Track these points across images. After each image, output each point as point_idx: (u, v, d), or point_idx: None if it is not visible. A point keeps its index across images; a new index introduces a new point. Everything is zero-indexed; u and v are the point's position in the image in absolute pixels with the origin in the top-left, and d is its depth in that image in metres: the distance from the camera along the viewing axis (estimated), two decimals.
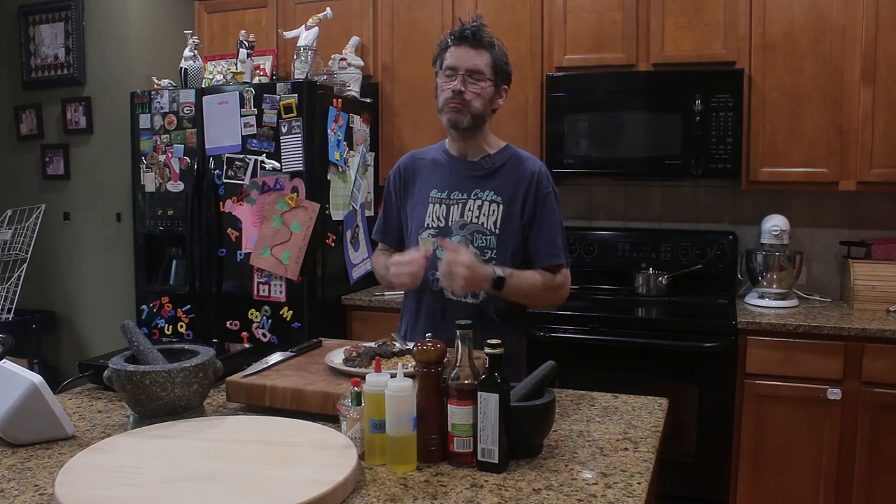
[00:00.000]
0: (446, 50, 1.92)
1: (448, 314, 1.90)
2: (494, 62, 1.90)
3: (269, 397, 1.57)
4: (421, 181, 2.01)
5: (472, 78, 1.88)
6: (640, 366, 2.85)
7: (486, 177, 1.95)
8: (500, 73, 1.92)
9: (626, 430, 1.53)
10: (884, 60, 2.84)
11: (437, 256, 1.88)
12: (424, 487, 1.24)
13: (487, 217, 1.92)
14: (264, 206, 3.13)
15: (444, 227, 1.94)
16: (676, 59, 3.07)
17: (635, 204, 3.52)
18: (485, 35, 1.90)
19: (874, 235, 3.15)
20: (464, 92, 1.87)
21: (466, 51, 1.88)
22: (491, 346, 1.31)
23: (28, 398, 1.42)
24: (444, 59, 1.92)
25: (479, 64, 1.88)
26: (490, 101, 1.92)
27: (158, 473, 1.20)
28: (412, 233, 1.99)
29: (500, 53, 1.93)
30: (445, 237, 1.91)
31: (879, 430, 2.65)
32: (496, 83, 1.92)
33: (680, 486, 2.79)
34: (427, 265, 1.85)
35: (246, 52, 3.36)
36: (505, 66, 1.94)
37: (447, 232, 1.93)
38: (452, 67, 1.89)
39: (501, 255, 1.91)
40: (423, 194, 2.00)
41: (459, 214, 1.94)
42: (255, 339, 3.19)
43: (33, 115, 3.99)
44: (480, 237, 1.91)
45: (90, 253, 3.94)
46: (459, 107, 1.88)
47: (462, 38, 1.89)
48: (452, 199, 1.95)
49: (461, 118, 1.89)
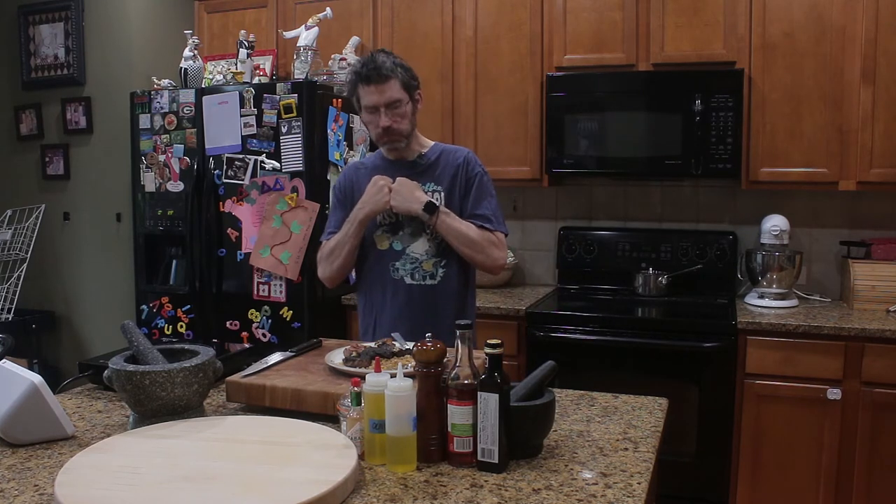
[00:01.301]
0: (357, 87, 2.06)
1: (412, 301, 2.10)
2: (403, 84, 2.06)
3: (269, 397, 1.57)
4: (364, 186, 2.15)
5: (393, 110, 2.04)
6: (640, 366, 2.85)
7: (424, 171, 2.14)
8: (411, 88, 2.08)
9: (626, 430, 1.53)
10: (884, 60, 2.84)
11: (393, 249, 2.11)
12: (424, 487, 1.24)
13: None
14: (264, 206, 3.13)
15: (396, 221, 2.13)
16: (676, 59, 3.07)
17: (635, 204, 3.52)
18: (385, 66, 2.02)
19: (874, 235, 3.15)
20: (391, 125, 2.05)
21: (377, 88, 2.02)
22: (491, 346, 1.31)
23: (28, 398, 1.42)
24: (360, 97, 2.07)
25: (393, 95, 2.03)
26: (413, 115, 2.10)
27: (158, 473, 1.20)
28: (366, 233, 2.14)
29: (403, 71, 2.06)
30: (397, 231, 2.11)
31: (879, 430, 2.65)
32: (412, 98, 2.10)
33: (680, 486, 2.79)
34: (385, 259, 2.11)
35: (246, 52, 3.36)
36: (412, 79, 2.09)
37: (399, 226, 2.12)
38: (372, 106, 2.05)
39: None
40: None
41: None
42: (255, 339, 3.19)
43: (33, 115, 3.99)
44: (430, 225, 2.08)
45: (90, 253, 3.94)
46: (395, 139, 2.09)
47: (369, 78, 2.02)
48: None
49: (398, 146, 2.12)
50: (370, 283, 2.18)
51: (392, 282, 2.12)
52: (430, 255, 2.11)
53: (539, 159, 3.27)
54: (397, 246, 2.13)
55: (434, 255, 2.11)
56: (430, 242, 2.11)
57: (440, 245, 2.10)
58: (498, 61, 3.33)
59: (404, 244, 2.12)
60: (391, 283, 2.13)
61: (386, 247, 2.14)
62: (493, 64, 3.33)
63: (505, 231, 2.15)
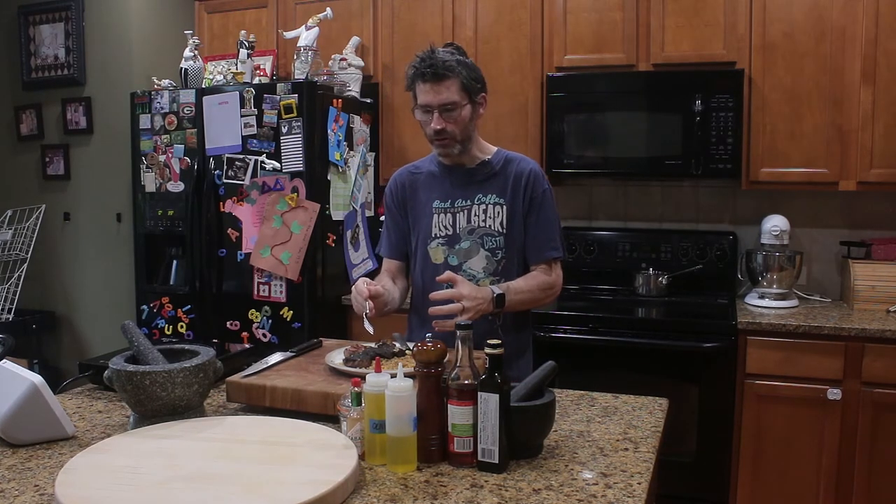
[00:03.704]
0: (415, 84, 1.92)
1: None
2: (463, 85, 1.89)
3: (270, 397, 1.57)
4: (421, 193, 2.04)
5: (448, 112, 1.89)
6: (641, 366, 2.85)
7: (485, 181, 1.99)
8: (472, 89, 1.92)
9: (627, 431, 1.53)
10: (884, 60, 2.84)
11: (448, 264, 1.97)
12: (424, 488, 1.24)
13: (493, 219, 1.97)
14: (264, 206, 3.13)
15: (453, 234, 1.98)
16: (676, 60, 3.07)
17: (635, 204, 3.52)
18: (444, 63, 1.86)
19: (874, 235, 3.15)
20: (444, 128, 1.89)
21: (433, 87, 1.87)
22: (491, 346, 1.31)
23: (28, 398, 1.42)
24: (417, 93, 1.92)
25: (449, 97, 1.87)
26: (471, 120, 1.95)
27: (158, 473, 1.20)
28: (419, 244, 2.03)
29: (466, 70, 1.90)
30: (454, 245, 1.97)
31: (879, 430, 2.65)
32: (472, 101, 1.93)
33: (680, 486, 2.79)
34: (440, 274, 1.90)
35: (246, 52, 3.36)
36: (474, 80, 1.92)
37: (456, 239, 1.98)
38: (426, 105, 1.90)
39: (509, 253, 1.98)
40: (425, 206, 2.03)
41: (466, 220, 1.98)
42: (256, 339, 3.19)
43: (33, 115, 3.99)
44: (489, 239, 1.97)
45: (90, 253, 3.94)
46: (446, 142, 1.92)
47: (425, 75, 1.87)
48: (457, 207, 1.99)
49: (451, 151, 1.95)
50: (424, 300, 1.97)
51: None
52: (489, 273, 1.95)
53: (539, 159, 3.27)
54: (453, 260, 1.97)
55: (492, 274, 1.95)
56: (490, 259, 1.96)
57: (500, 262, 1.96)
58: (498, 61, 3.33)
59: (461, 259, 1.97)
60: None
61: (441, 260, 1.99)
62: (493, 64, 3.33)
63: (565, 257, 2.02)
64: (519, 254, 1.99)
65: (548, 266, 1.99)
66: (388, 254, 2.13)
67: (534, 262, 1.99)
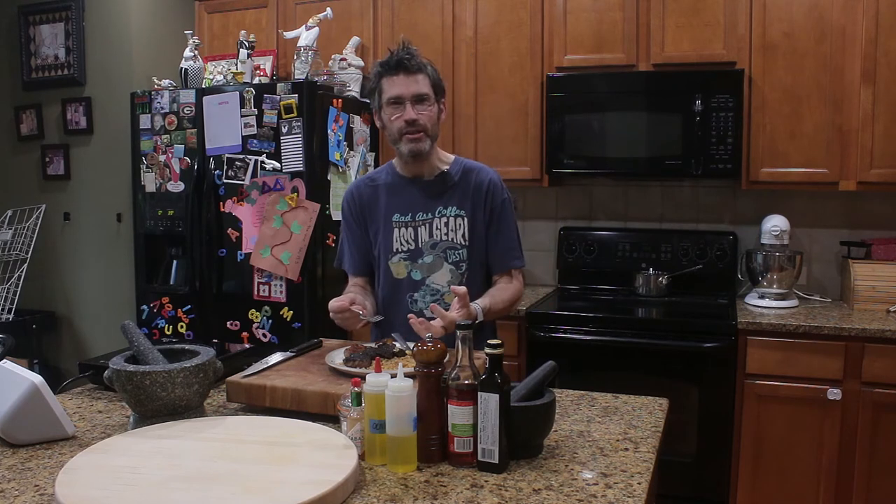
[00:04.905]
0: (381, 80, 1.91)
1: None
2: (432, 82, 1.91)
3: (270, 397, 1.57)
4: (380, 206, 2.01)
5: (420, 102, 1.88)
6: (641, 366, 2.85)
7: (445, 192, 1.98)
8: (438, 90, 1.94)
9: (627, 431, 1.54)
10: (884, 60, 2.84)
11: (412, 279, 1.97)
12: (425, 488, 1.24)
13: (455, 232, 1.96)
14: (264, 206, 3.13)
15: (415, 248, 1.97)
16: (676, 60, 3.07)
17: (635, 204, 3.52)
18: (417, 58, 1.89)
19: (874, 235, 3.15)
20: (417, 119, 1.88)
21: (406, 78, 1.87)
22: (491, 346, 1.31)
23: (28, 398, 1.42)
24: (383, 90, 1.91)
25: (422, 88, 1.88)
26: (438, 120, 1.95)
27: (158, 474, 1.20)
28: (381, 258, 2.01)
29: (433, 70, 1.94)
30: (416, 259, 1.97)
31: (879, 430, 2.65)
32: (437, 101, 1.94)
33: (680, 486, 2.79)
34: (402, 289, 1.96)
35: (246, 52, 3.36)
36: (440, 81, 1.95)
37: (418, 253, 1.97)
38: (397, 97, 1.88)
39: (472, 265, 1.98)
40: (385, 219, 2.01)
41: (428, 234, 1.97)
42: (256, 339, 3.19)
43: (33, 115, 3.99)
44: (452, 252, 1.96)
45: (90, 253, 3.94)
46: (418, 136, 1.90)
47: (399, 66, 1.87)
48: (418, 220, 1.98)
49: (422, 146, 1.91)
50: (384, 313, 1.99)
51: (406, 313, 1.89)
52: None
53: (539, 159, 3.27)
54: (416, 275, 1.96)
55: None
56: (454, 273, 1.95)
57: (463, 275, 1.95)
58: (498, 61, 3.33)
59: (424, 273, 1.96)
60: (404, 314, 1.88)
61: (403, 275, 1.97)
62: (493, 64, 3.33)
63: (523, 261, 2.04)
64: (482, 265, 1.99)
65: (509, 276, 2.01)
66: (352, 271, 2.09)
67: (497, 272, 2.01)
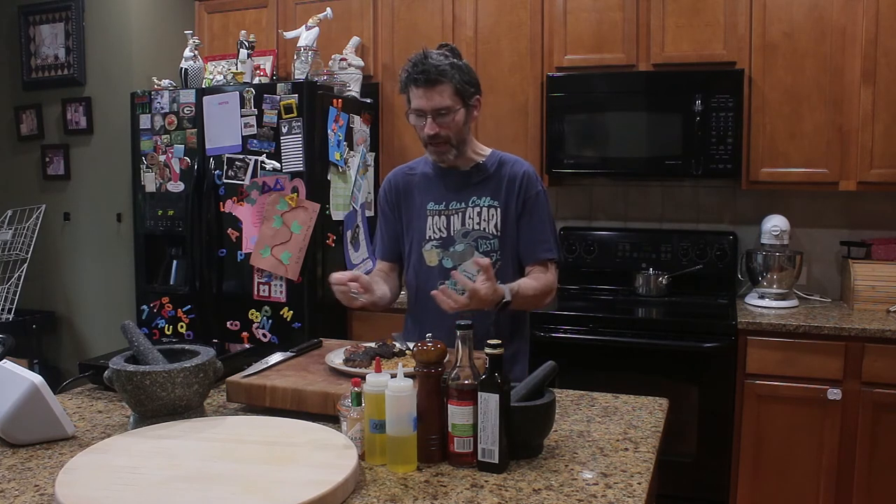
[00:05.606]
0: (409, 87, 1.90)
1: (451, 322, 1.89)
2: (456, 89, 1.87)
3: (270, 397, 1.57)
4: (416, 195, 2.03)
5: (441, 116, 1.87)
6: (641, 366, 2.85)
7: (480, 183, 1.98)
8: (466, 93, 1.90)
9: (627, 431, 1.54)
10: (884, 60, 2.84)
11: (443, 266, 1.96)
12: (425, 488, 1.24)
13: (488, 222, 1.96)
14: (264, 206, 3.13)
15: (447, 237, 1.98)
16: (676, 60, 3.07)
17: (635, 204, 3.52)
18: (436, 68, 1.84)
19: (874, 235, 3.15)
20: (438, 133, 1.88)
21: (425, 92, 1.86)
22: (491, 346, 1.31)
23: (28, 398, 1.42)
24: (410, 97, 1.91)
25: (442, 101, 1.86)
26: (465, 123, 1.93)
27: (158, 474, 1.20)
28: (414, 246, 2.02)
29: (459, 74, 1.87)
30: (448, 247, 1.96)
31: (879, 430, 2.65)
32: (466, 104, 1.91)
33: (680, 486, 2.79)
34: (434, 276, 1.94)
35: (246, 52, 3.36)
36: (468, 84, 1.90)
37: (450, 242, 1.97)
38: (419, 110, 1.88)
39: (504, 256, 1.97)
40: (420, 208, 2.02)
41: (461, 223, 1.97)
42: (256, 339, 3.19)
43: (33, 115, 3.99)
44: (484, 242, 1.96)
45: (90, 253, 3.94)
46: (441, 148, 1.91)
47: (420, 77, 1.85)
48: (451, 210, 1.99)
49: (446, 156, 1.93)
50: (418, 301, 2.00)
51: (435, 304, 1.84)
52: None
53: (539, 159, 3.27)
54: (448, 263, 1.95)
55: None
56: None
57: (495, 265, 1.89)
58: (498, 61, 3.33)
59: (455, 261, 1.95)
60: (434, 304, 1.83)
61: (435, 263, 1.97)
62: (493, 64, 3.33)
63: (558, 255, 2.00)
64: (514, 256, 1.98)
65: (544, 267, 1.97)
66: (381, 255, 2.13)
67: (528, 262, 1.98)
